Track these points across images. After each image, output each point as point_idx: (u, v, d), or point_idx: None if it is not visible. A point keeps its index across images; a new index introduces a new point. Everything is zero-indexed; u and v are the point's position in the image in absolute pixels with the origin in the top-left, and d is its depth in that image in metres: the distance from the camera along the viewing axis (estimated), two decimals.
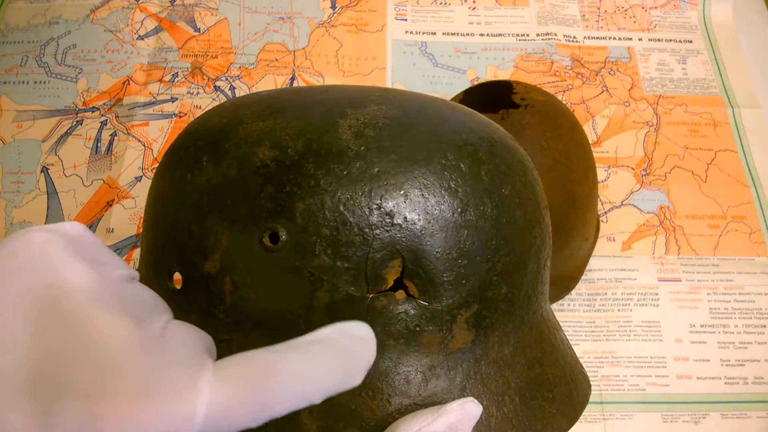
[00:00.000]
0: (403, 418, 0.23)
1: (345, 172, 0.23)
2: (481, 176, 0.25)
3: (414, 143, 0.25)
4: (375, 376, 0.24)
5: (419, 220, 0.23)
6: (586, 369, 0.50)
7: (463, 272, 0.24)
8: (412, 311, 0.24)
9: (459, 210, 0.24)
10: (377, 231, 0.23)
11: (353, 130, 0.24)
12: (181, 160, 0.26)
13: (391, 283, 0.24)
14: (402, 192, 0.23)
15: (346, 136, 0.24)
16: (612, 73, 0.66)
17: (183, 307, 0.25)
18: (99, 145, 0.60)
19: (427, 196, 0.24)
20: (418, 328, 0.24)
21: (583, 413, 0.48)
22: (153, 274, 0.27)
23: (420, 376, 0.24)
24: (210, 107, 0.62)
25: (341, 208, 0.23)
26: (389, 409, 0.24)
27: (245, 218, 0.24)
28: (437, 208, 0.24)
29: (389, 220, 0.23)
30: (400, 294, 0.24)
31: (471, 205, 0.24)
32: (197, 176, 0.25)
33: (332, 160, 0.23)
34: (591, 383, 0.30)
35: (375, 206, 0.23)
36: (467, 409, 0.23)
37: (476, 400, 0.24)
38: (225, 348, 0.23)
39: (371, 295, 0.23)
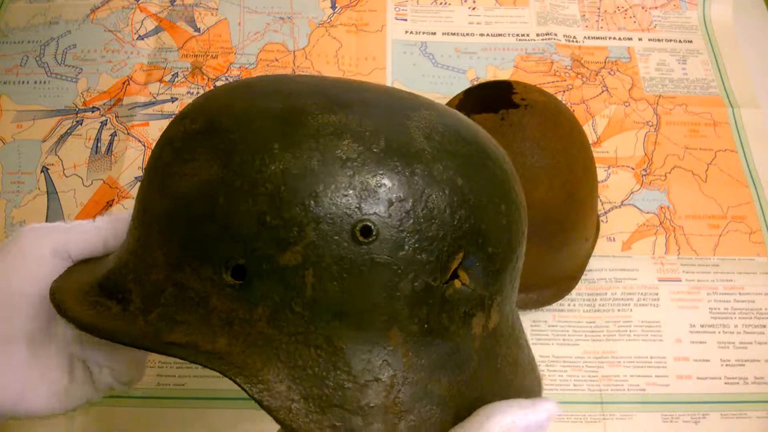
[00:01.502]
0: (492, 405, 0.24)
1: (426, 173, 0.25)
2: (512, 182, 0.29)
3: (465, 151, 0.27)
4: (448, 356, 0.26)
5: (481, 220, 0.26)
6: (587, 369, 0.50)
7: (502, 265, 0.28)
8: (467, 298, 0.26)
9: (504, 212, 0.28)
10: (453, 227, 0.25)
11: (422, 133, 0.26)
12: (238, 145, 0.25)
13: (451, 273, 0.26)
14: (470, 194, 0.26)
15: (420, 138, 0.26)
16: (612, 73, 0.66)
17: (244, 300, 0.24)
18: (99, 145, 0.60)
19: (503, 207, 0.27)
20: (472, 312, 0.27)
21: (583, 413, 0.49)
22: (189, 267, 0.25)
23: (476, 357, 0.27)
24: None
25: (429, 205, 0.25)
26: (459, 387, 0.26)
27: (335, 211, 0.24)
28: (493, 210, 0.27)
29: (462, 218, 0.25)
30: (458, 282, 0.26)
31: (509, 208, 0.28)
32: (268, 164, 0.24)
33: (414, 160, 0.25)
34: (543, 387, 0.32)
35: (456, 207, 0.25)
36: (551, 411, 0.25)
37: (555, 402, 0.25)
38: (294, 342, 0.24)
39: (444, 285, 0.25)
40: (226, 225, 0.24)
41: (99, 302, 0.26)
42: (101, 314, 0.26)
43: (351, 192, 0.24)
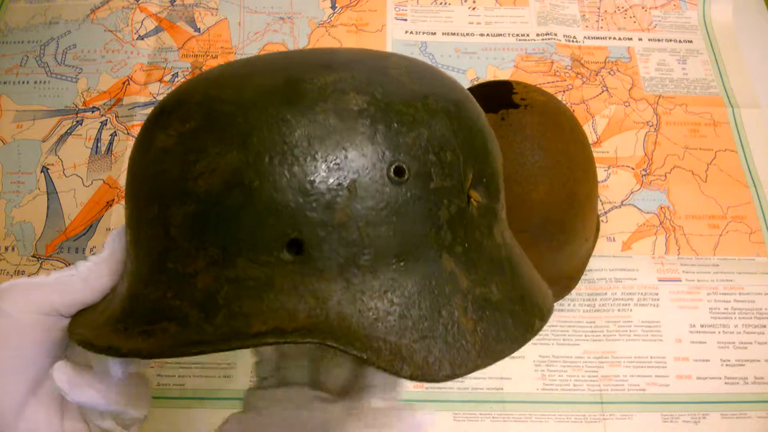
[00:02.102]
0: None
1: (426, 107, 0.27)
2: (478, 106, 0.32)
3: (441, 83, 0.29)
4: (488, 266, 0.28)
5: (482, 144, 0.29)
6: (587, 369, 0.50)
7: (498, 180, 0.30)
8: (484, 212, 0.29)
9: (487, 132, 0.30)
10: (461, 151, 0.27)
11: (406, 75, 0.28)
12: (251, 126, 0.25)
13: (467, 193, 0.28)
14: (462, 118, 0.29)
15: (406, 80, 0.28)
16: (612, 73, 0.66)
17: (310, 271, 0.24)
18: (99, 145, 0.60)
19: (482, 126, 0.30)
20: (491, 225, 0.29)
21: (583, 413, 0.49)
22: (241, 259, 0.25)
23: (506, 264, 0.30)
24: None
25: (438, 134, 0.27)
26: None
27: (367, 161, 0.25)
28: (490, 136, 0.30)
29: (463, 141, 0.28)
30: (474, 201, 0.28)
31: (488, 127, 0.31)
32: (290, 133, 0.25)
33: (413, 98, 0.27)
34: (551, 312, 0.32)
35: (457, 132, 0.28)
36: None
37: None
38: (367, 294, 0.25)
39: (467, 205, 0.28)
40: (269, 205, 0.24)
41: (147, 331, 0.25)
42: (162, 338, 0.25)
43: (376, 138, 0.25)
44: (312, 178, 0.24)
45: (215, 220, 0.25)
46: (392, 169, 0.25)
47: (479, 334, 0.27)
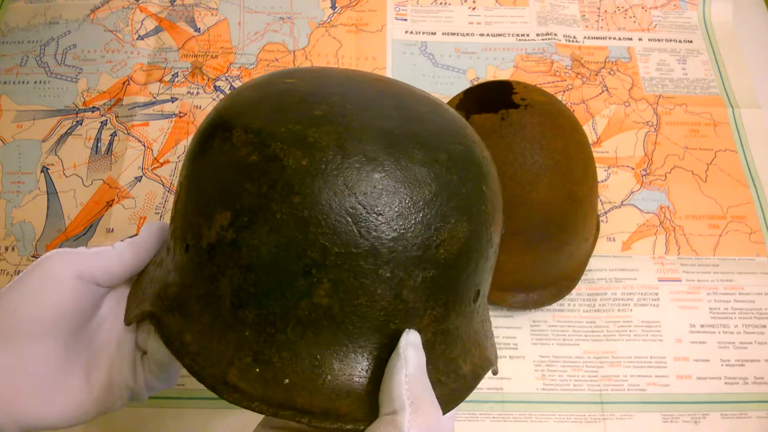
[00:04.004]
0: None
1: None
2: None
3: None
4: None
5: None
6: (587, 369, 0.50)
7: None
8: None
9: None
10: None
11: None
12: (474, 192, 0.28)
13: None
14: None
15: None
16: (612, 73, 0.66)
17: (477, 312, 0.32)
18: (99, 145, 0.60)
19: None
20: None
21: (583, 413, 0.49)
22: (452, 313, 0.28)
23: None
24: (210, 107, 0.62)
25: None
26: None
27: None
28: None
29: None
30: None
31: None
32: (485, 207, 0.29)
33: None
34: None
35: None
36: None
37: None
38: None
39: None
40: (478, 264, 0.28)
41: None
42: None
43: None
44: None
45: (444, 282, 0.27)
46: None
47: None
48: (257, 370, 0.25)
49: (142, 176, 0.58)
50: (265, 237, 0.24)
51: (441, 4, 0.70)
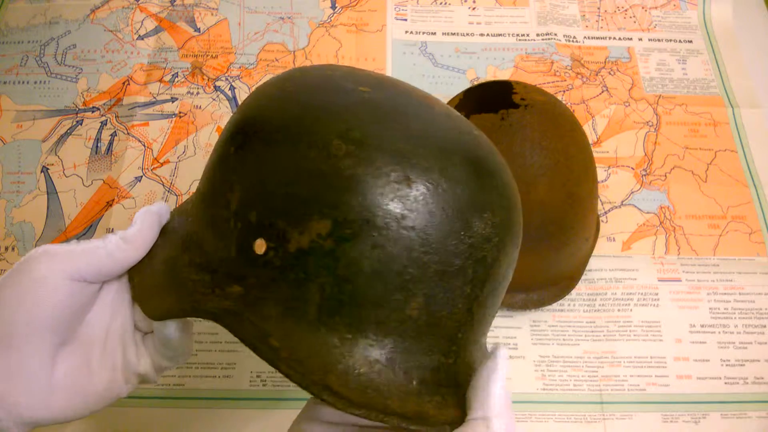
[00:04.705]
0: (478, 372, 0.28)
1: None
2: None
3: None
4: None
5: None
6: (587, 369, 0.50)
7: None
8: None
9: None
10: None
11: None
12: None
13: None
14: None
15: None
16: (612, 73, 0.66)
17: None
18: (99, 145, 0.60)
19: None
20: None
21: (583, 413, 0.49)
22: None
23: None
24: (210, 107, 0.62)
25: None
26: None
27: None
28: None
29: None
30: None
31: None
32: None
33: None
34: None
35: None
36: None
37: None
38: None
39: None
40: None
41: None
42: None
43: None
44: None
45: (496, 300, 0.30)
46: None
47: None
48: (350, 376, 0.26)
49: (142, 176, 0.58)
50: (368, 251, 0.25)
51: (441, 4, 0.70)
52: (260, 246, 0.26)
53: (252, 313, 0.26)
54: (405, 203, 0.25)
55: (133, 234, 0.31)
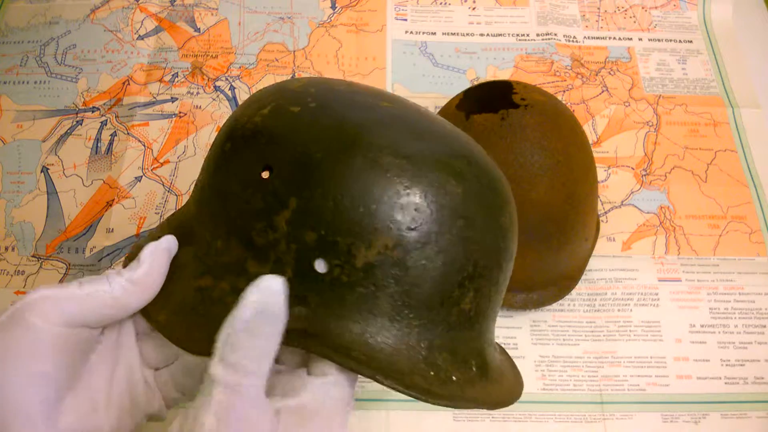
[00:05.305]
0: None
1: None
2: None
3: None
4: None
5: None
6: (587, 369, 0.50)
7: None
8: None
9: None
10: None
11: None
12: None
13: None
14: None
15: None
16: (612, 73, 0.66)
17: None
18: (99, 145, 0.60)
19: None
20: None
21: (583, 413, 0.49)
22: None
23: None
24: (210, 107, 0.62)
25: None
26: None
27: None
28: None
29: None
30: None
31: None
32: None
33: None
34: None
35: None
36: (262, 286, 0.24)
37: (275, 276, 0.25)
38: None
39: None
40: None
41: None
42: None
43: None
44: None
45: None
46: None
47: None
48: (431, 373, 0.27)
49: (142, 176, 0.58)
50: (433, 256, 0.27)
51: (441, 4, 0.70)
52: (322, 264, 0.27)
53: (323, 331, 0.27)
54: (460, 209, 0.28)
55: (141, 276, 0.28)
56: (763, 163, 0.60)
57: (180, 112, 0.62)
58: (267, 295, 0.23)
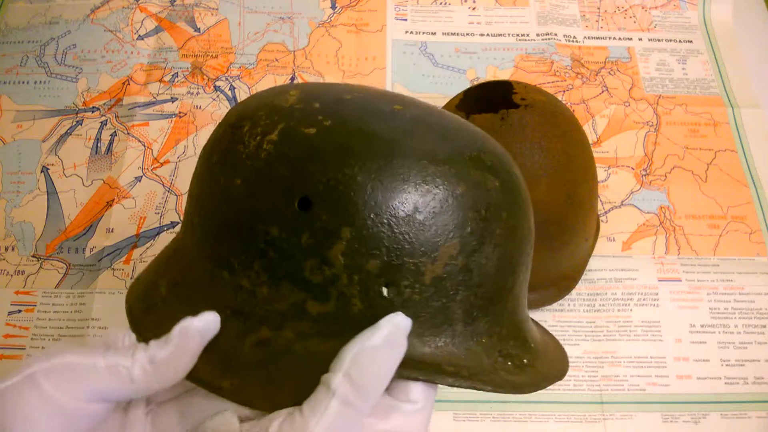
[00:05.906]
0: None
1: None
2: None
3: None
4: None
5: None
6: (587, 369, 0.50)
7: None
8: None
9: None
10: None
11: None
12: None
13: None
14: None
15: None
16: (612, 73, 0.66)
17: None
18: (99, 145, 0.60)
19: None
20: None
21: (583, 413, 0.49)
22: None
23: None
24: (210, 107, 0.62)
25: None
26: None
27: None
28: None
29: None
30: None
31: None
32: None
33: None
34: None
35: None
36: (395, 322, 0.26)
37: (403, 314, 0.26)
38: None
39: None
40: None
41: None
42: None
43: None
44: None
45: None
46: None
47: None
48: (509, 363, 0.28)
49: (142, 176, 0.58)
50: (490, 253, 0.28)
51: (441, 4, 0.70)
52: (391, 288, 0.26)
53: (407, 353, 0.26)
54: (502, 202, 0.28)
55: (165, 358, 0.25)
56: (763, 163, 0.60)
57: (180, 112, 0.62)
58: (397, 330, 0.25)
